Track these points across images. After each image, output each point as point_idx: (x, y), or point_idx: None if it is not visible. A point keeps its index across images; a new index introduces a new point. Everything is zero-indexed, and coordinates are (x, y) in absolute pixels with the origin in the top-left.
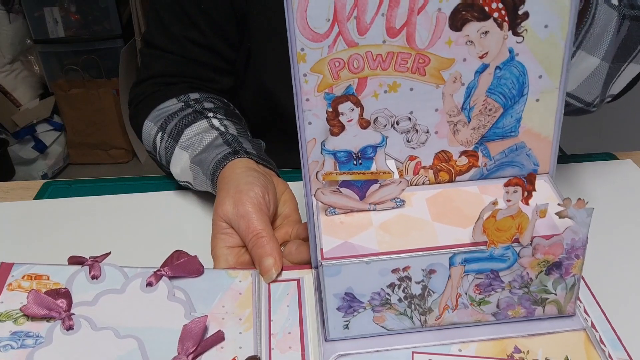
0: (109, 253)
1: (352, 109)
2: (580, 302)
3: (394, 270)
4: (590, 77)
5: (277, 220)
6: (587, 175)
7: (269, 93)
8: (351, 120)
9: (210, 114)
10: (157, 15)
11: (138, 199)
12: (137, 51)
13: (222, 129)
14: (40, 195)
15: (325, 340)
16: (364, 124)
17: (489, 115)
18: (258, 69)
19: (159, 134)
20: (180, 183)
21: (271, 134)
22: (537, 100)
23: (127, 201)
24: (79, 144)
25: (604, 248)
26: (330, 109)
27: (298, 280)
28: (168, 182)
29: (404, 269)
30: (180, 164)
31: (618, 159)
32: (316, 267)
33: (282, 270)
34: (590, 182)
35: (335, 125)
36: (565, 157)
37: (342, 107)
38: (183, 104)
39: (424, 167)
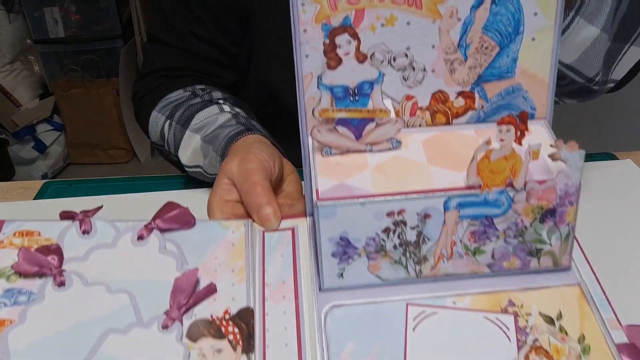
0: (101, 207)
1: (349, 42)
2: (576, 263)
3: (389, 214)
4: (590, 48)
5: (280, 196)
6: (587, 175)
7: (272, 90)
8: (348, 53)
9: (221, 101)
10: (161, 10)
11: (138, 199)
12: (137, 51)
13: (234, 112)
14: (40, 195)
15: (320, 290)
16: (361, 57)
17: (485, 53)
18: (260, 66)
19: (167, 122)
20: (189, 170)
21: (273, 132)
22: (533, 39)
23: (127, 201)
24: (79, 144)
25: (604, 248)
26: (327, 41)
27: (292, 229)
28: (168, 182)
29: (399, 213)
30: (191, 146)
31: (618, 159)
32: (311, 215)
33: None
34: (590, 182)
35: (333, 59)
36: None
37: (339, 39)
38: (190, 93)
39: (420, 108)
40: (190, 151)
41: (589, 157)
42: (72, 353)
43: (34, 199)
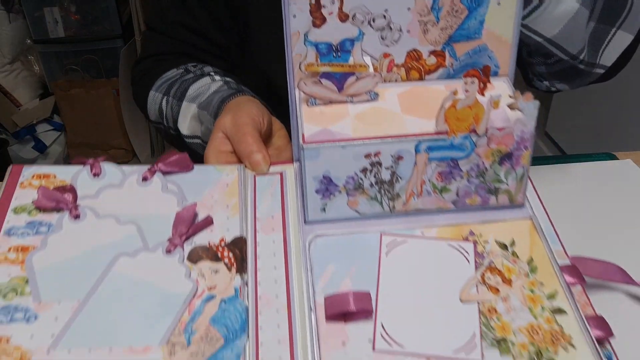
0: (107, 156)
1: (333, 2)
2: (529, 201)
3: (367, 155)
4: (570, 22)
5: (270, 149)
6: (587, 175)
7: (266, 78)
8: (332, 13)
9: (212, 73)
10: (158, 0)
11: None
12: (137, 51)
13: (225, 80)
14: None
15: (305, 223)
16: (343, 17)
17: (455, 16)
18: (254, 56)
19: (164, 99)
20: (188, 142)
21: None
22: (499, 3)
23: None
24: (79, 144)
25: (605, 248)
26: (313, 1)
27: (281, 173)
28: None
29: (375, 154)
30: (189, 115)
31: (618, 159)
32: (297, 161)
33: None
34: (590, 182)
35: (318, 18)
36: (565, 157)
37: (323, 0)
38: (183, 70)
39: (396, 65)
40: (189, 119)
41: (589, 157)
42: (88, 272)
43: None
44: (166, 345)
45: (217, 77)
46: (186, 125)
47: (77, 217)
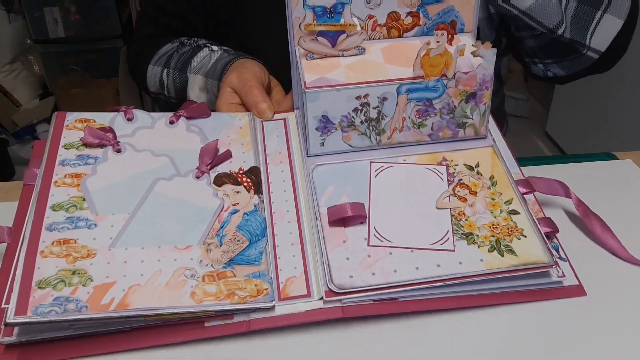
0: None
1: None
2: (491, 134)
3: (357, 97)
4: None
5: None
6: (587, 175)
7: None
8: None
9: (209, 44)
10: None
11: None
12: None
13: (223, 49)
14: None
15: (307, 156)
16: None
17: None
18: (249, 47)
19: (165, 71)
20: None
21: None
22: None
23: None
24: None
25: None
26: None
27: (284, 119)
28: None
29: (365, 96)
30: (197, 87)
31: (618, 159)
32: (298, 108)
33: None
34: (590, 182)
35: None
36: (565, 157)
37: None
38: (179, 44)
39: (379, 25)
40: (197, 91)
41: (589, 157)
42: (133, 192)
43: None
44: (203, 245)
45: (215, 47)
46: (195, 95)
47: (118, 151)
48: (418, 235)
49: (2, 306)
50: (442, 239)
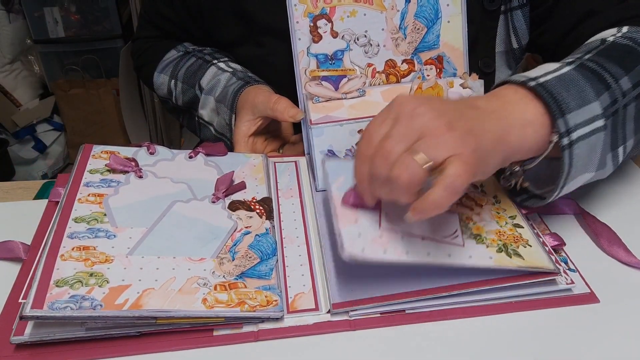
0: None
1: (326, 24)
2: None
3: (359, 131)
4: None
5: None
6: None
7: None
8: (325, 31)
9: (215, 60)
10: None
11: None
12: None
13: (231, 70)
14: (40, 195)
15: (316, 190)
16: (334, 34)
17: (417, 33)
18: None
19: (172, 81)
20: (203, 123)
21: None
22: (448, 21)
23: None
24: (79, 144)
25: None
26: (312, 24)
27: (296, 162)
28: None
29: None
30: (209, 107)
31: None
32: (309, 153)
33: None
34: (590, 182)
35: (316, 35)
36: None
37: (319, 23)
38: (183, 52)
39: (378, 72)
40: (209, 110)
41: None
42: (152, 211)
43: (34, 199)
44: (216, 259)
45: (222, 65)
46: (207, 114)
47: (140, 176)
48: (428, 228)
49: (19, 301)
50: (452, 234)
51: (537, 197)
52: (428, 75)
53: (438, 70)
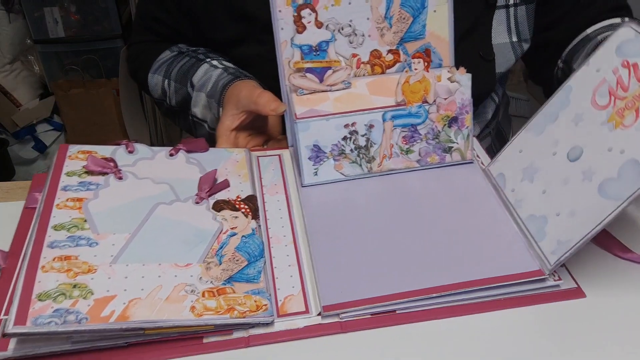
0: (137, 140)
1: (310, 14)
2: (479, 157)
3: (345, 125)
4: None
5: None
6: None
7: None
8: (310, 22)
9: (208, 59)
10: None
11: None
12: None
13: (223, 66)
14: None
15: (302, 186)
16: (319, 25)
17: (403, 22)
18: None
19: (165, 81)
20: (197, 121)
21: None
22: (435, 11)
23: None
24: (79, 144)
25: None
26: (295, 14)
27: (279, 155)
28: None
29: (352, 124)
30: (201, 104)
31: None
32: (292, 146)
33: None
34: None
35: (300, 26)
36: None
37: (303, 12)
38: (177, 52)
39: (363, 63)
40: (201, 107)
41: None
42: (134, 215)
43: None
44: (203, 263)
45: (215, 62)
46: (199, 112)
47: (120, 178)
48: None
49: (1, 317)
50: None
51: None
52: (415, 69)
53: (426, 64)
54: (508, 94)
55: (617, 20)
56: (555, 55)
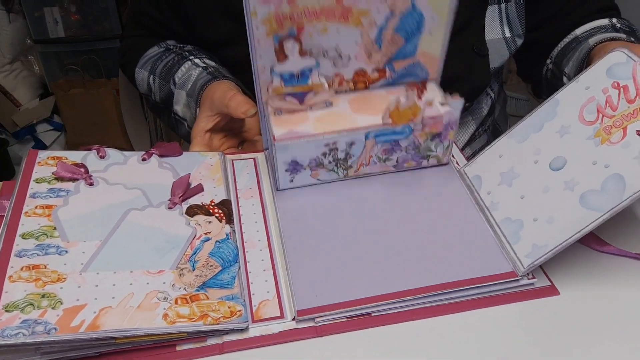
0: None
1: (294, 44)
2: (454, 157)
3: (326, 145)
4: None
5: (244, 128)
6: None
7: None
8: (292, 51)
9: (192, 57)
10: None
11: None
12: None
13: (204, 65)
14: None
15: (277, 190)
16: (302, 53)
17: (394, 45)
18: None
19: (151, 77)
20: (178, 119)
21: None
22: (431, 33)
23: None
24: (79, 144)
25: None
26: (277, 46)
27: (254, 159)
28: None
29: (333, 144)
30: (182, 102)
31: None
32: (267, 149)
33: (240, 143)
34: None
35: (281, 56)
36: None
37: (286, 44)
38: (164, 49)
39: (346, 81)
40: (181, 106)
41: None
42: (105, 222)
43: None
44: (176, 270)
45: (197, 60)
46: (180, 109)
47: (91, 184)
48: None
49: None
50: None
51: None
52: (408, 97)
53: (420, 92)
54: (508, 93)
55: (606, 21)
56: (544, 54)
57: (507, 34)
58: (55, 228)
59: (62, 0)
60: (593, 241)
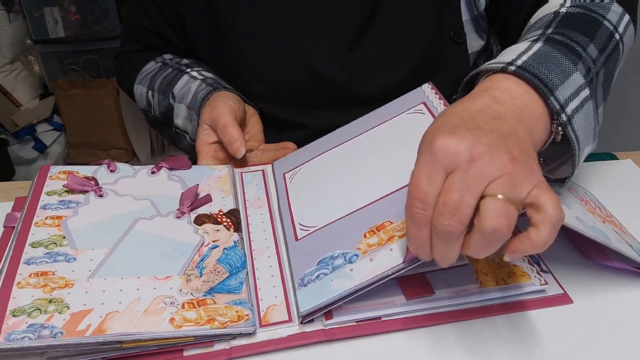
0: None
1: None
2: None
3: None
4: None
5: (246, 136)
6: (587, 175)
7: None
8: None
9: (189, 70)
10: (132, 1)
11: None
12: None
13: (202, 77)
14: None
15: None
16: None
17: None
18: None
19: (149, 92)
20: (179, 132)
21: None
22: None
23: None
24: (79, 144)
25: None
26: None
27: (263, 170)
28: None
29: None
30: (182, 115)
31: (618, 159)
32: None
33: (247, 151)
34: (590, 182)
35: None
36: None
37: None
38: (161, 64)
39: None
40: (182, 119)
41: (589, 157)
42: (113, 231)
43: None
44: (183, 276)
45: (195, 73)
46: (181, 123)
47: (100, 195)
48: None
49: None
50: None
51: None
52: None
53: None
54: None
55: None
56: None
57: (478, 10)
58: (64, 237)
59: (62, 0)
60: (595, 254)
